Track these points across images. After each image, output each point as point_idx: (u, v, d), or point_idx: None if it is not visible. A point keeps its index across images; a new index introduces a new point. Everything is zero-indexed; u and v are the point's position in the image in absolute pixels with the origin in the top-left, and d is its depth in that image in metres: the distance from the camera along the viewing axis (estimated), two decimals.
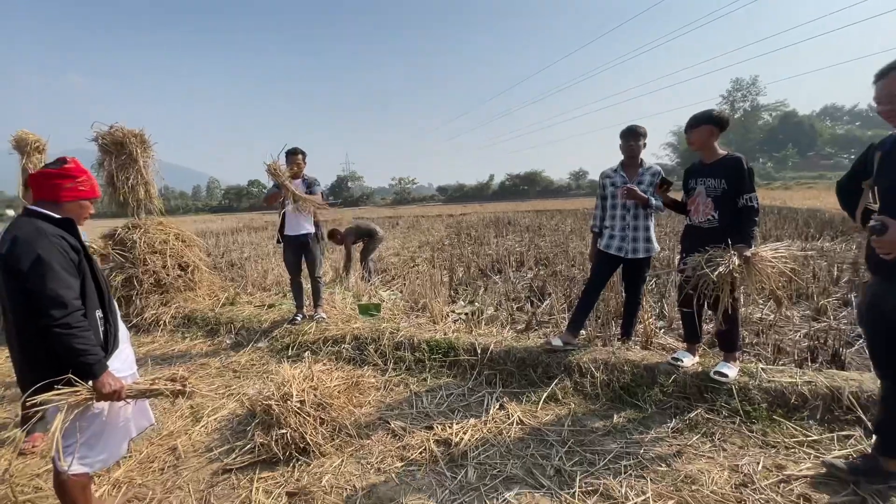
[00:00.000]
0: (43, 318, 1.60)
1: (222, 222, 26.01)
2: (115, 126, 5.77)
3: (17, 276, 1.60)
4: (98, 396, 1.73)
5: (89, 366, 1.68)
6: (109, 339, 1.87)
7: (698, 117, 2.88)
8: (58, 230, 1.73)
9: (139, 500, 2.27)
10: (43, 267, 1.61)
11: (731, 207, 2.77)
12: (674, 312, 4.28)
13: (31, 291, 1.60)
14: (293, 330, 4.43)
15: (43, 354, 1.68)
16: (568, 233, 11.95)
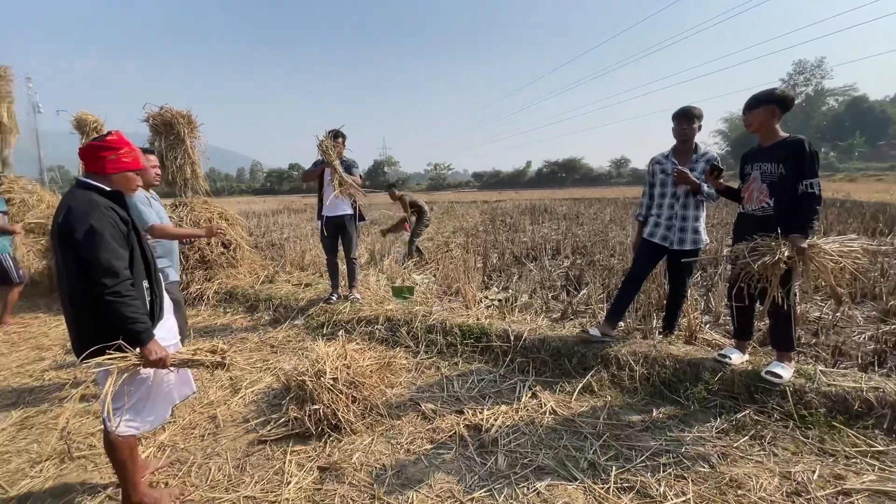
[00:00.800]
0: (95, 287, 1.66)
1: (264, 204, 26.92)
2: (164, 107, 5.99)
3: (72, 245, 1.67)
4: (145, 363, 1.80)
5: (138, 333, 1.74)
6: (155, 308, 1.94)
7: (759, 97, 2.64)
8: (108, 202, 1.79)
9: (181, 463, 2.38)
10: (95, 237, 1.67)
11: (788, 194, 2.54)
12: (721, 307, 4.03)
13: (85, 260, 1.66)
14: (328, 309, 4.51)
15: (94, 321, 1.75)
16: (607, 222, 11.55)
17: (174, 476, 2.27)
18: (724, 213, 12.47)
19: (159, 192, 3.34)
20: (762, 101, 2.62)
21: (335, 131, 4.49)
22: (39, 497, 2.13)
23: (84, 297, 1.72)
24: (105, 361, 1.73)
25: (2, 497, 2.14)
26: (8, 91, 7.07)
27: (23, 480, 2.26)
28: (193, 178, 6.09)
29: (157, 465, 2.33)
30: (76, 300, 1.74)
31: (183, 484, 2.20)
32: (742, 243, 2.54)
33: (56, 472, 2.32)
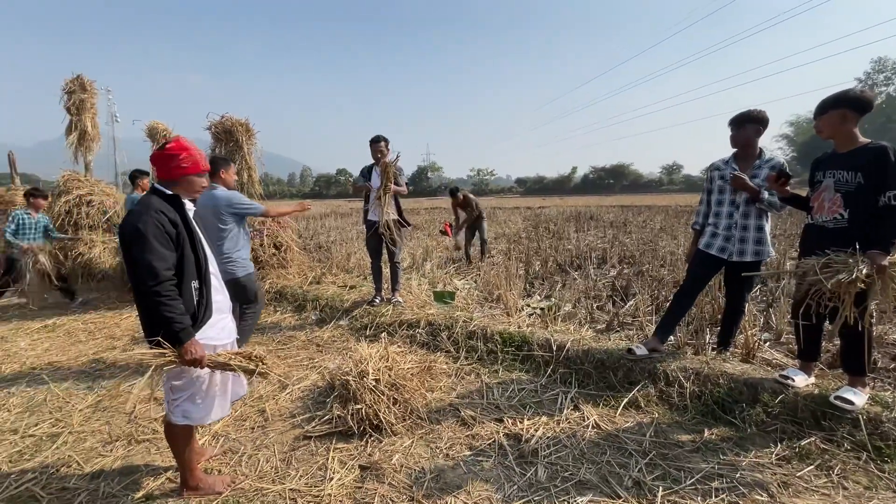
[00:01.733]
0: (139, 286, 1.77)
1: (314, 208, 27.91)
2: (225, 116, 6.40)
3: (123, 245, 1.82)
4: (181, 361, 1.86)
5: (175, 332, 1.81)
6: (202, 308, 1.99)
7: (830, 100, 2.45)
8: (163, 205, 1.90)
9: (233, 452, 2.51)
10: (140, 239, 1.77)
11: (866, 206, 2.33)
12: (783, 324, 3.76)
13: (130, 260, 1.79)
14: (371, 311, 4.62)
15: (147, 315, 1.88)
16: (657, 230, 11.09)
17: (226, 464, 2.40)
18: (787, 223, 11.65)
19: None
20: (833, 105, 2.43)
21: (377, 136, 4.61)
22: (109, 475, 2.32)
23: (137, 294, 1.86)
24: (142, 356, 1.85)
25: (78, 473, 2.35)
26: (92, 103, 7.82)
27: (96, 459, 2.47)
28: (249, 182, 6.45)
29: (211, 453, 2.47)
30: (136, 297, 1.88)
31: (234, 472, 2.32)
32: (812, 258, 2.35)
33: (124, 453, 2.52)
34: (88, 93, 7.69)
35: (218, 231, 3.31)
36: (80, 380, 3.51)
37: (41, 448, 2.58)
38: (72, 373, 3.66)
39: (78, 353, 4.14)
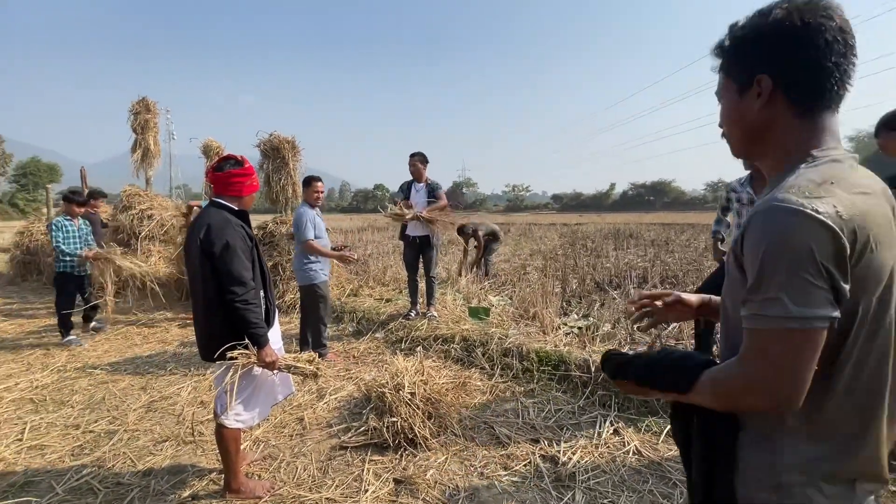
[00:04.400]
0: (228, 294, 1.94)
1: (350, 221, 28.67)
2: (273, 134, 6.75)
3: (211, 257, 1.95)
4: (260, 363, 2.03)
5: (258, 336, 1.99)
6: (270, 316, 2.19)
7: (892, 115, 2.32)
8: (238, 220, 2.08)
9: (272, 458, 2.58)
10: (230, 251, 1.95)
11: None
12: None
13: (221, 271, 1.95)
14: (407, 324, 4.66)
15: (223, 324, 2.01)
16: (702, 250, 10.64)
17: (266, 469, 2.47)
18: None
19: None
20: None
21: (415, 153, 4.72)
22: (159, 473, 2.44)
23: (216, 303, 1.99)
24: (236, 355, 1.99)
25: (131, 469, 2.48)
26: (155, 122, 8.44)
27: (147, 457, 2.61)
28: (293, 196, 6.74)
29: (252, 458, 2.56)
30: (209, 306, 2.01)
31: (273, 478, 2.38)
32: None
33: (173, 453, 2.64)
34: (152, 113, 8.31)
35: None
36: (134, 382, 3.72)
37: (99, 444, 2.75)
38: (127, 373, 3.89)
39: (133, 355, 4.40)
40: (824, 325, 0.67)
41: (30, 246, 8.28)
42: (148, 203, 7.35)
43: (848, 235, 0.66)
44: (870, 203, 0.70)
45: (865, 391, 0.75)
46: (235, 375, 1.96)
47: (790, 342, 0.68)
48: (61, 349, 4.56)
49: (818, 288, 0.66)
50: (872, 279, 0.70)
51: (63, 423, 3.01)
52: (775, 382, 0.70)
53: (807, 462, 0.75)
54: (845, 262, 0.66)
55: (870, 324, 0.72)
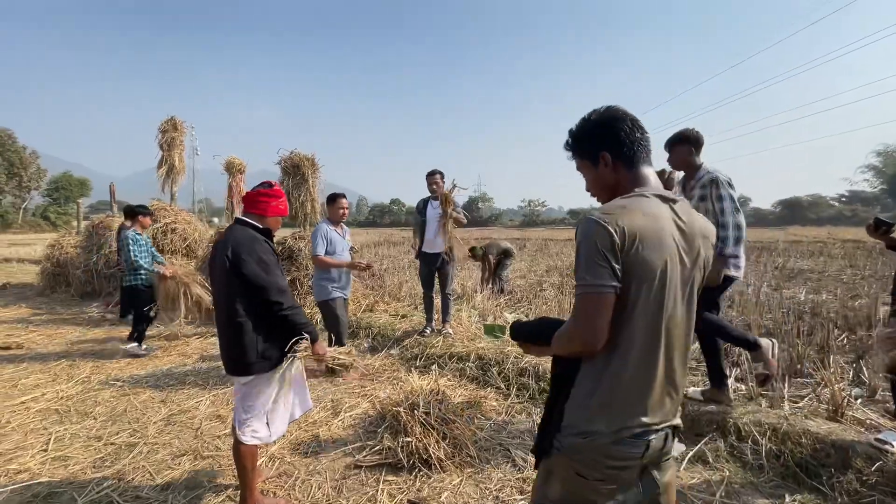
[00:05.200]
0: (274, 306, 2.04)
1: (367, 235, 29.01)
2: (293, 151, 6.92)
3: (240, 275, 2.02)
4: (315, 356, 2.19)
5: (313, 331, 2.15)
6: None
7: None
8: (263, 237, 2.17)
9: (287, 476, 2.59)
10: (265, 265, 2.05)
11: None
12: (877, 379, 3.36)
13: (259, 286, 2.02)
14: (422, 341, 4.65)
15: (244, 337, 2.07)
16: None
17: (281, 487, 2.48)
18: (878, 263, 10.53)
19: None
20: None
21: (433, 170, 4.77)
22: (177, 487, 2.47)
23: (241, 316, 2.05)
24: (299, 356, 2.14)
25: (150, 483, 2.51)
26: (181, 140, 8.75)
27: (166, 471, 2.64)
28: (312, 212, 6.87)
29: (268, 474, 2.57)
30: (234, 318, 2.06)
31: (288, 496, 2.38)
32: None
33: (190, 467, 2.67)
34: (179, 131, 8.64)
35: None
36: (154, 395, 3.79)
37: (120, 456, 2.79)
38: (148, 385, 3.97)
39: (153, 368, 4.49)
40: (610, 291, 1.04)
41: (60, 258, 8.59)
42: (172, 217, 7.57)
43: (619, 235, 1.03)
44: (644, 220, 1.07)
45: (643, 351, 1.09)
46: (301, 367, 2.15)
47: (590, 302, 1.06)
48: (87, 360, 4.68)
49: (602, 266, 1.04)
50: (639, 267, 1.05)
51: (86, 434, 3.08)
52: (583, 330, 1.07)
53: (608, 401, 1.10)
54: (616, 252, 1.04)
55: (642, 301, 1.07)
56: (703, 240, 1.16)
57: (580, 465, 1.13)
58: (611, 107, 1.23)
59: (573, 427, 1.13)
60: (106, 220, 8.39)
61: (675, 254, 1.09)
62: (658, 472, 1.16)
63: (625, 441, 1.09)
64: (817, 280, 8.56)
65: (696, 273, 1.15)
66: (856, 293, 6.89)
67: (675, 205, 1.15)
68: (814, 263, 11.17)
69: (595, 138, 1.21)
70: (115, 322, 6.46)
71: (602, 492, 1.13)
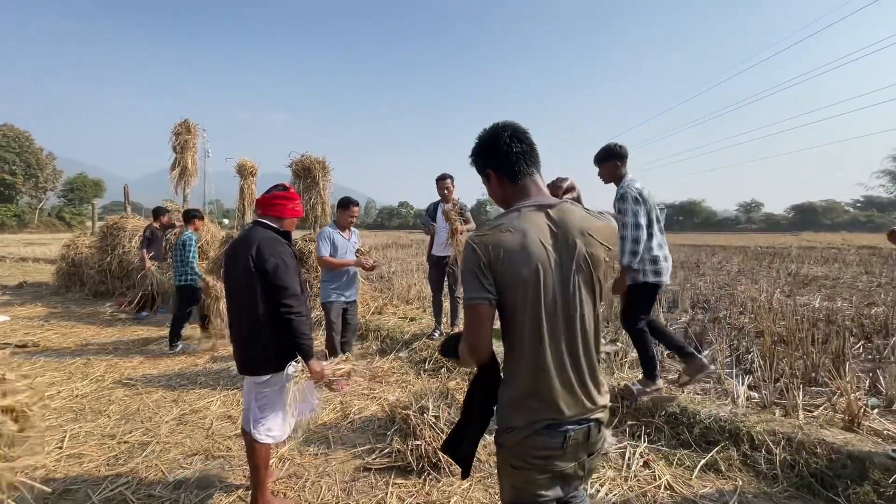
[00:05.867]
0: (283, 308, 2.04)
1: (375, 238, 29.12)
2: (304, 154, 6.98)
3: (265, 275, 2.04)
4: (312, 375, 2.14)
5: (308, 347, 2.11)
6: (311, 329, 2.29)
7: None
8: (283, 239, 2.19)
9: (297, 477, 2.60)
10: (283, 267, 2.07)
11: None
12: (894, 389, 3.29)
13: (276, 286, 2.04)
14: (431, 344, 4.66)
15: (266, 339, 2.09)
16: (735, 273, 10.29)
17: (291, 488, 2.49)
18: (895, 270, 10.33)
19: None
20: None
21: (443, 174, 4.79)
22: (189, 486, 2.49)
23: (261, 319, 2.08)
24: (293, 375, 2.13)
25: (162, 481, 2.54)
26: (194, 143, 8.87)
27: (178, 470, 2.67)
28: (322, 215, 6.91)
29: (278, 475, 2.58)
30: (254, 320, 2.08)
31: (298, 497, 2.40)
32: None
33: (202, 467, 2.70)
34: (192, 134, 8.75)
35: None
36: (167, 394, 3.84)
37: (133, 455, 2.83)
38: (161, 385, 4.02)
39: (165, 367, 4.55)
40: (483, 302, 1.19)
41: (75, 258, 8.73)
42: None
43: (484, 254, 1.19)
44: (511, 236, 1.20)
45: (532, 350, 1.21)
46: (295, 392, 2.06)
47: (469, 313, 1.21)
48: (101, 359, 4.75)
49: (475, 281, 1.19)
50: (509, 277, 1.18)
51: (100, 432, 3.12)
52: (469, 338, 1.23)
53: (516, 397, 1.24)
54: (483, 268, 1.19)
55: (520, 306, 1.19)
56: (582, 236, 1.23)
57: (511, 458, 1.27)
58: (495, 124, 1.34)
59: (500, 425, 1.29)
60: (120, 221, 8.52)
61: (545, 258, 1.19)
62: (588, 460, 1.30)
63: (541, 433, 1.21)
64: (832, 287, 8.41)
65: (577, 268, 1.22)
66: (872, 301, 6.76)
67: (552, 209, 1.25)
68: (828, 270, 10.98)
69: (481, 157, 1.36)
70: (128, 321, 6.57)
71: (540, 482, 1.25)
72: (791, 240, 27.90)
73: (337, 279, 3.94)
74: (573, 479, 1.28)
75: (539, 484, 1.24)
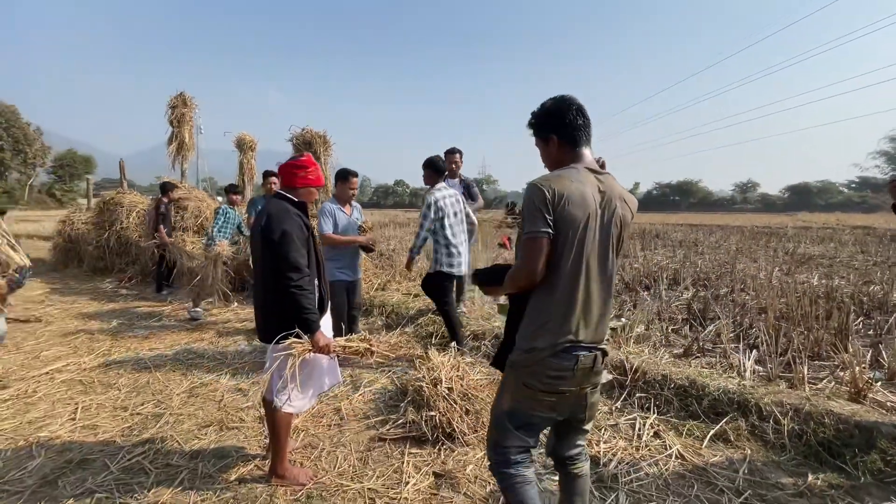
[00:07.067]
0: (284, 280, 1.99)
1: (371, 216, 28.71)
2: (305, 128, 6.84)
3: (271, 245, 2.01)
4: (314, 349, 2.08)
5: (311, 322, 2.04)
6: (323, 303, 2.26)
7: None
8: (296, 210, 2.14)
9: (312, 447, 2.63)
10: (287, 238, 2.01)
11: None
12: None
13: (279, 257, 2.00)
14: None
15: (279, 309, 2.07)
16: (734, 251, 10.34)
17: (308, 458, 2.52)
18: (890, 250, 10.44)
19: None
20: None
21: (452, 148, 4.71)
22: (205, 456, 2.51)
23: (276, 289, 2.04)
24: (291, 345, 2.03)
25: (179, 451, 2.56)
26: (190, 117, 8.66)
27: (192, 440, 2.69)
28: (324, 191, 6.82)
29: (293, 446, 2.61)
30: (269, 292, 2.07)
31: (315, 467, 2.43)
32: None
33: (216, 437, 2.72)
34: (188, 107, 8.54)
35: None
36: (175, 367, 3.84)
37: (147, 426, 2.84)
38: (168, 359, 4.02)
39: (173, 341, 4.55)
40: (544, 235, 1.38)
41: (71, 234, 8.62)
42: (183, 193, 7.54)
43: (551, 195, 1.37)
44: (571, 185, 1.40)
45: (568, 282, 1.41)
46: (295, 364, 2.00)
47: (530, 244, 1.39)
48: (105, 334, 4.73)
49: (538, 218, 1.38)
50: (567, 219, 1.38)
51: (112, 404, 3.13)
52: (526, 266, 1.41)
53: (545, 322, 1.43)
54: (549, 206, 1.37)
55: (569, 245, 1.40)
56: (621, 201, 1.47)
57: (526, 377, 1.46)
58: (563, 97, 1.53)
59: (520, 347, 1.48)
60: (117, 197, 8.38)
61: (594, 210, 1.42)
62: (589, 393, 1.51)
63: (558, 354, 1.41)
64: (828, 266, 8.48)
65: (614, 225, 1.45)
66: (869, 279, 6.84)
67: (601, 176, 1.47)
68: (824, 249, 11.06)
69: (548, 123, 1.54)
70: (129, 297, 6.53)
71: (543, 401, 1.47)
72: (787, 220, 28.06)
73: (341, 257, 3.78)
74: (573, 406, 1.50)
75: (540, 402, 1.47)
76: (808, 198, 59.79)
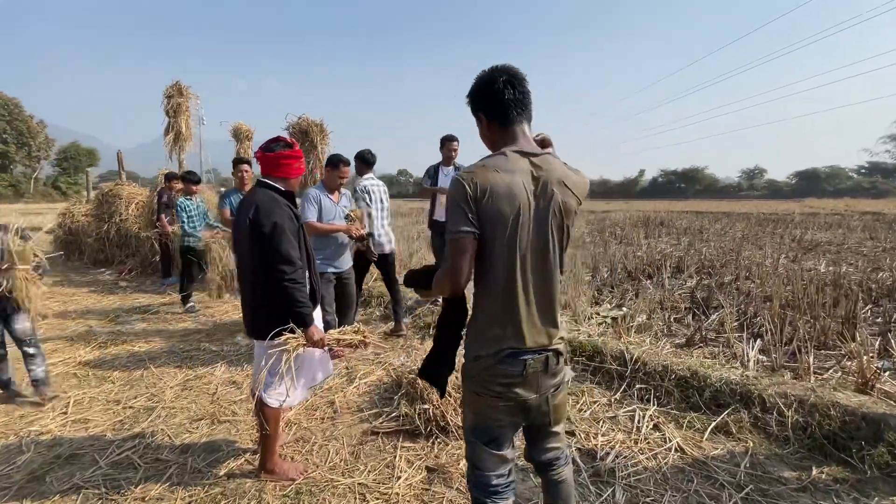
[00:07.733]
0: (276, 273, 1.92)
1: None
2: (302, 117, 6.73)
3: (261, 238, 1.93)
4: (309, 343, 2.01)
5: (304, 316, 1.98)
6: (315, 296, 2.18)
7: None
8: (285, 200, 2.05)
9: (304, 441, 2.59)
10: (279, 230, 1.93)
11: None
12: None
13: (270, 250, 1.93)
14: (434, 310, 4.61)
15: (268, 302, 2.00)
16: (739, 239, 10.19)
17: (299, 452, 2.48)
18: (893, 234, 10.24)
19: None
20: None
21: (449, 135, 4.60)
22: (196, 450, 2.48)
23: (265, 283, 1.98)
24: (286, 341, 1.98)
25: (169, 445, 2.53)
26: (187, 106, 8.54)
27: (184, 434, 2.65)
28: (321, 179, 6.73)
29: (284, 440, 2.57)
30: (258, 286, 2.00)
31: (306, 461, 2.38)
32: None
33: (208, 431, 2.68)
34: (184, 97, 8.42)
35: None
36: (170, 360, 3.81)
37: (138, 419, 2.81)
38: (163, 352, 3.99)
39: (168, 334, 4.52)
40: (467, 235, 1.24)
41: (71, 227, 8.60)
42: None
43: (473, 190, 1.23)
44: (498, 176, 1.25)
45: (505, 284, 1.29)
46: (290, 359, 1.95)
47: (453, 245, 1.26)
48: (102, 326, 4.72)
49: (460, 217, 1.24)
50: (494, 215, 1.24)
51: (104, 398, 3.10)
52: (451, 270, 1.28)
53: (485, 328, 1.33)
54: (469, 203, 1.23)
55: (498, 242, 1.26)
56: (560, 186, 1.30)
57: (477, 386, 1.37)
58: (493, 68, 1.34)
59: (468, 356, 1.38)
60: (115, 188, 8.33)
61: (526, 201, 1.26)
62: (551, 395, 1.40)
63: (504, 360, 1.30)
64: (836, 252, 8.33)
65: (552, 215, 1.29)
66: (878, 265, 6.69)
67: (537, 159, 1.30)
68: (832, 235, 10.87)
69: (475, 100, 1.39)
70: (128, 289, 6.52)
71: (500, 409, 1.36)
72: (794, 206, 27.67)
73: (324, 247, 3.49)
74: (536, 411, 1.39)
75: (498, 409, 1.36)
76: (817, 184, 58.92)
